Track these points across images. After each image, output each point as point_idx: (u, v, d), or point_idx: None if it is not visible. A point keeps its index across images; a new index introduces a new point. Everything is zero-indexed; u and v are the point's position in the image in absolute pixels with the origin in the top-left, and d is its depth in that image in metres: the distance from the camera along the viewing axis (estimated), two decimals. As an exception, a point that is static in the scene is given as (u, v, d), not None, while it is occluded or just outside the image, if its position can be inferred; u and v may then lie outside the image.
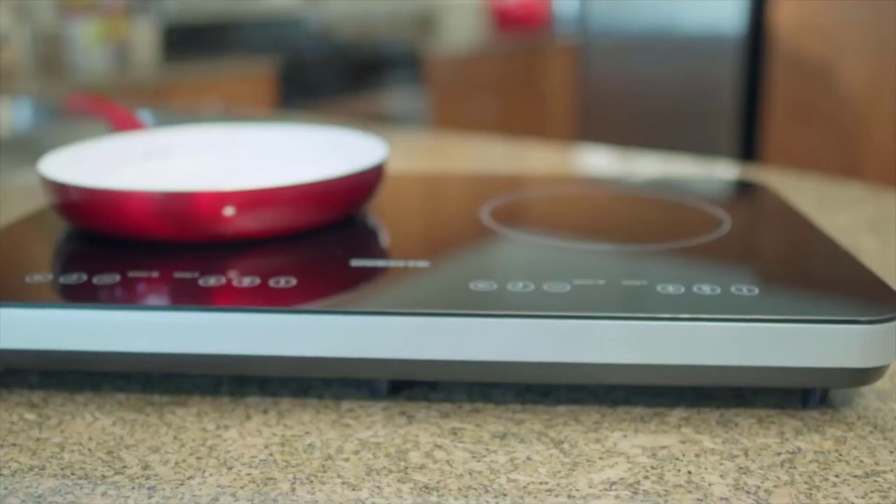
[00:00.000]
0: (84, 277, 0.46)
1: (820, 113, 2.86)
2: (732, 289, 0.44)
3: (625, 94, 3.27)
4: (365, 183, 0.57)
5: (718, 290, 0.44)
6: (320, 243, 0.53)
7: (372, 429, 0.43)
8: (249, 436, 0.42)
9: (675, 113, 3.16)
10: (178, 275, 0.47)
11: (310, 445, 0.41)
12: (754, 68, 3.03)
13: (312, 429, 0.43)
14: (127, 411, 0.45)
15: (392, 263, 0.48)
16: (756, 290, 0.44)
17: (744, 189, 0.66)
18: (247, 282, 0.46)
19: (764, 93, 3.00)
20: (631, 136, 3.17)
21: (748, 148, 3.09)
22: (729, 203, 0.60)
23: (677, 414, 0.44)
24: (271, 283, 0.45)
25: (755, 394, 0.46)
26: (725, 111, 3.07)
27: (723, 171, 1.12)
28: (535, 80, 3.68)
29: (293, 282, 0.46)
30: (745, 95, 3.04)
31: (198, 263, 0.48)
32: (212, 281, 0.46)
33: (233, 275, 0.47)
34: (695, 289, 0.44)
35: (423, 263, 0.48)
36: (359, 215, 0.59)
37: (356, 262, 0.49)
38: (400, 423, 0.44)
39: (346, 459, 0.40)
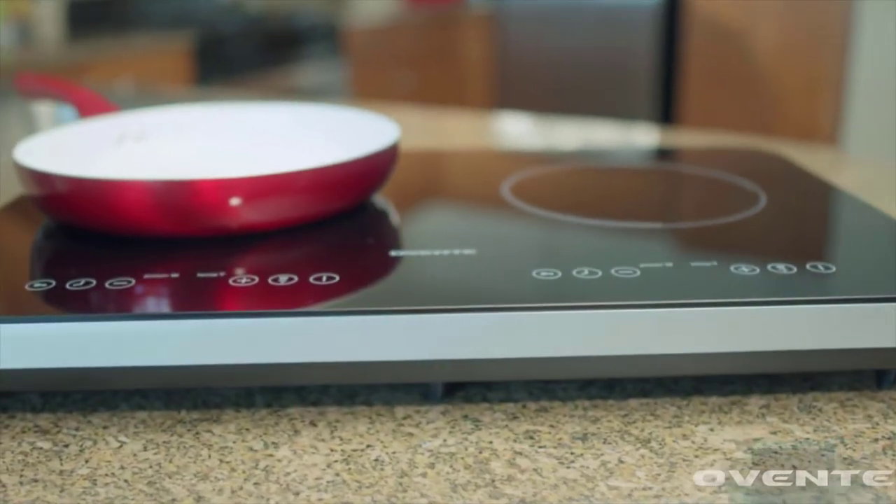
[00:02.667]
0: (93, 283, 0.41)
1: (735, 76, 2.91)
2: (808, 266, 0.42)
3: (542, 62, 3.26)
4: (382, 165, 0.52)
5: (795, 270, 0.42)
6: (342, 233, 0.48)
7: (439, 437, 0.39)
8: (305, 454, 0.38)
9: (593, 79, 3.17)
10: (202, 275, 0.41)
11: (377, 461, 0.37)
12: (670, 34, 3.05)
13: (373, 441, 0.39)
14: (155, 432, 0.40)
15: (437, 252, 0.44)
16: (833, 268, 0.42)
17: (760, 159, 0.64)
18: (284, 280, 0.41)
19: (680, 58, 3.04)
20: (549, 104, 3.16)
21: (666, 112, 3.13)
22: (755, 175, 0.58)
23: (755, 402, 0.42)
24: (312, 280, 0.41)
25: (826, 376, 0.44)
26: (643, 77, 3.09)
27: (643, 135, 1.12)
28: (451, 50, 3.64)
29: (336, 278, 0.41)
30: (661, 61, 3.07)
31: (216, 261, 0.43)
32: (244, 280, 0.41)
33: (264, 272, 0.42)
34: (769, 268, 0.42)
35: (469, 251, 0.44)
36: (370, 201, 0.54)
37: (396, 253, 0.44)
38: (467, 429, 0.40)
39: (424, 475, 0.36)
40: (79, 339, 0.37)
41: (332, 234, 0.48)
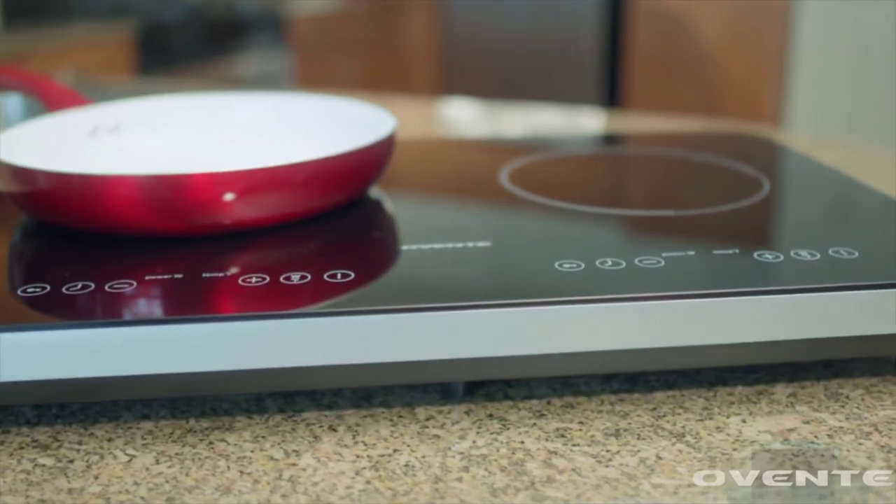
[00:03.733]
0: (91, 286, 0.38)
1: (679, 60, 2.94)
2: (830, 252, 0.41)
3: (487, 47, 3.25)
4: (382, 155, 0.50)
5: (818, 256, 0.41)
6: (345, 228, 0.46)
7: (467, 438, 0.37)
8: (330, 461, 0.36)
9: (538, 64, 3.18)
10: (207, 275, 0.39)
11: (407, 466, 0.35)
12: (615, 19, 3.07)
13: (399, 445, 0.37)
14: (165, 443, 0.37)
15: (450, 245, 0.42)
16: (856, 253, 0.41)
17: (750, 143, 0.64)
18: (296, 278, 0.39)
19: (625, 42, 3.06)
20: (496, 90, 3.15)
21: (612, 96, 3.15)
22: (752, 159, 0.57)
23: (782, 391, 0.41)
24: (326, 277, 0.39)
25: (847, 362, 0.43)
26: (588, 61, 3.11)
27: (590, 119, 1.12)
28: (396, 37, 3.60)
29: (351, 275, 0.39)
30: (607, 45, 3.09)
31: (217, 260, 0.41)
32: (254, 280, 0.39)
33: (273, 271, 0.39)
34: (792, 254, 0.41)
35: (484, 243, 0.42)
36: (366, 193, 0.52)
37: (408, 247, 0.42)
38: (494, 429, 0.38)
39: (459, 480, 0.35)
40: (84, 347, 0.35)
41: (334, 230, 0.46)
